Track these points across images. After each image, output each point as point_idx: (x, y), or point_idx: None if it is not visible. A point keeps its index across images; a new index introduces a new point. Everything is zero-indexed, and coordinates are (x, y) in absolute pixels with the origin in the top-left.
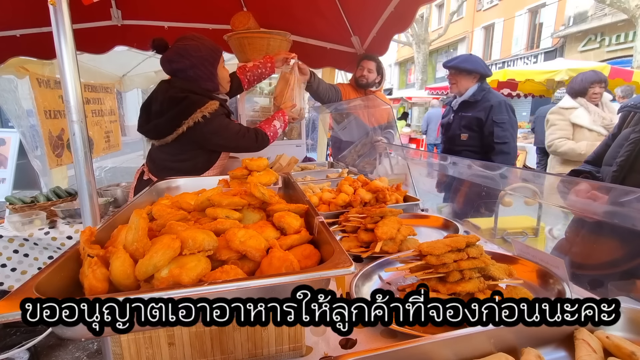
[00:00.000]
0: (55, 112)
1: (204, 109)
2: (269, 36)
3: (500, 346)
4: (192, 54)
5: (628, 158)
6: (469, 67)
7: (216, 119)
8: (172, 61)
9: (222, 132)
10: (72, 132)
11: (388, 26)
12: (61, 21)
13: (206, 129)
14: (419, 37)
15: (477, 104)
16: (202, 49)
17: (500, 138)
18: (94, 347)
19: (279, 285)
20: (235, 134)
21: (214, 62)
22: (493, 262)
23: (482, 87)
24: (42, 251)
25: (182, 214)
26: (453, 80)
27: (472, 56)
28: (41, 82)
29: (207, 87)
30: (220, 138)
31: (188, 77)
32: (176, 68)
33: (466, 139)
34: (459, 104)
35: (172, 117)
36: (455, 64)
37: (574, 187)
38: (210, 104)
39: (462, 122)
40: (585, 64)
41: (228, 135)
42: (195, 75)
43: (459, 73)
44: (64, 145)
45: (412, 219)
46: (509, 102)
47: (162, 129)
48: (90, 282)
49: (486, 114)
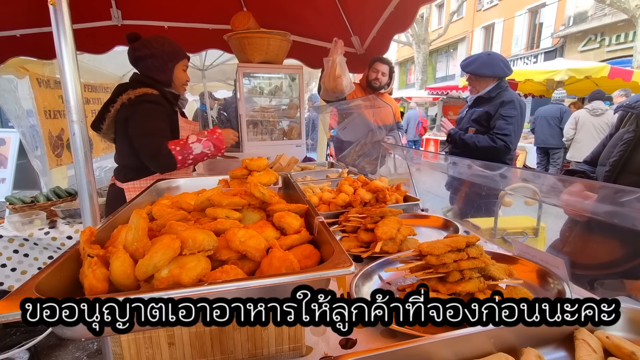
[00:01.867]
0: (55, 112)
1: (131, 92)
2: (269, 36)
3: (500, 346)
4: (154, 45)
5: (620, 158)
6: (488, 73)
7: (141, 105)
8: (136, 49)
9: (137, 122)
10: (72, 132)
11: (388, 26)
12: (61, 21)
13: (129, 112)
14: (419, 37)
15: (490, 100)
16: (165, 44)
17: (501, 130)
18: (94, 347)
19: (279, 285)
20: (144, 132)
21: (173, 59)
22: (493, 262)
23: (499, 85)
24: (42, 251)
25: (182, 214)
26: (472, 84)
27: (491, 57)
28: (41, 82)
29: (160, 78)
30: (132, 127)
31: (146, 67)
32: (137, 55)
33: (474, 132)
34: (474, 100)
35: (106, 102)
36: (473, 69)
37: (567, 186)
38: (142, 90)
39: (472, 116)
40: (585, 64)
41: (138, 130)
42: (152, 65)
43: (477, 77)
44: (63, 145)
45: (412, 219)
46: (523, 103)
47: (98, 116)
48: (90, 282)
49: (496, 109)
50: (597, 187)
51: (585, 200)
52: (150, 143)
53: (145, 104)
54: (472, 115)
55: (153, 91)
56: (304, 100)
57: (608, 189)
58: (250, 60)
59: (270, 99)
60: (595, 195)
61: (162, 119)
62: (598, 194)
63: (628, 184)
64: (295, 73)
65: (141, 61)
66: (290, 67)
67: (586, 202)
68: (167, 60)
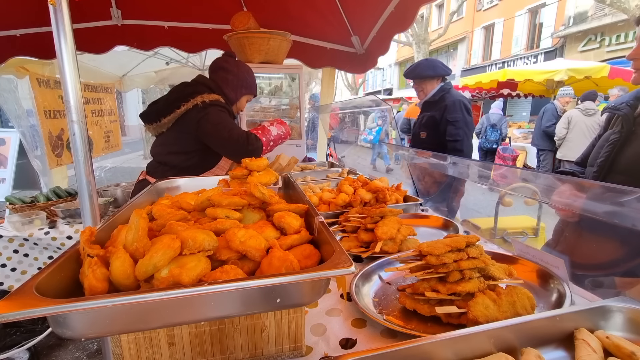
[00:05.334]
0: (55, 112)
1: (206, 97)
2: (269, 36)
3: (500, 346)
4: (242, 69)
5: (607, 159)
6: (432, 73)
7: (214, 108)
8: (226, 61)
9: (215, 121)
10: (72, 132)
11: (388, 26)
12: (61, 21)
13: (201, 115)
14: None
15: (436, 103)
16: (250, 75)
17: (452, 136)
18: (94, 347)
19: (279, 285)
20: (227, 127)
21: (248, 88)
22: (493, 262)
23: (442, 88)
24: (42, 251)
25: (182, 214)
26: (419, 89)
27: (430, 61)
28: (41, 82)
29: (229, 95)
30: (211, 126)
31: (224, 79)
32: (224, 67)
33: (425, 137)
34: (423, 104)
35: (173, 99)
36: (417, 74)
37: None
38: (214, 96)
39: (422, 121)
40: (585, 64)
41: (220, 126)
42: (231, 82)
43: (422, 81)
44: (63, 145)
45: (412, 219)
46: (467, 102)
47: (161, 109)
48: (90, 282)
49: (441, 113)
50: (587, 187)
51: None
52: (237, 133)
53: (219, 108)
54: (422, 119)
55: (220, 98)
56: (304, 100)
57: (598, 189)
58: (250, 60)
59: (270, 99)
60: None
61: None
62: (588, 193)
63: (616, 183)
64: (295, 73)
65: (223, 72)
66: (290, 67)
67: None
68: (243, 86)
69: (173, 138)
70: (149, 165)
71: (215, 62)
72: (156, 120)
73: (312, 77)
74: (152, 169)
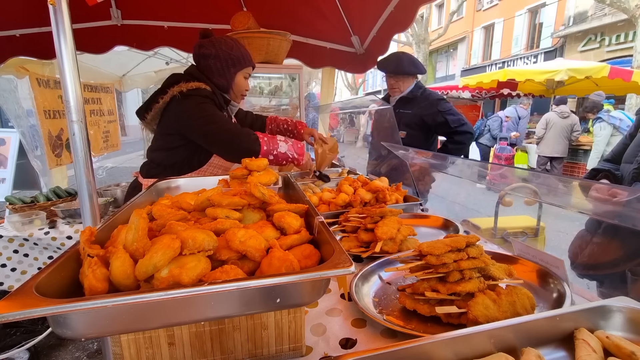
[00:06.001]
0: (55, 112)
1: (183, 86)
2: (269, 36)
3: (500, 346)
4: (221, 46)
5: None
6: (414, 70)
7: (194, 97)
8: (202, 45)
9: (197, 113)
10: (72, 132)
11: (388, 26)
12: (61, 21)
13: (180, 106)
14: (419, 37)
15: (416, 100)
16: (234, 48)
17: (457, 122)
18: (94, 347)
19: (279, 285)
20: (209, 120)
21: (237, 64)
22: (493, 262)
23: (418, 85)
24: (42, 251)
25: (182, 214)
26: (396, 85)
27: (409, 56)
28: (41, 82)
29: (218, 82)
30: (192, 118)
31: (207, 67)
32: (202, 53)
33: (404, 136)
34: (397, 101)
35: (155, 92)
36: (399, 69)
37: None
38: (195, 84)
39: (402, 120)
40: (585, 64)
41: (203, 119)
42: (214, 66)
43: (402, 76)
44: (63, 145)
45: (412, 219)
46: None
47: (145, 105)
48: (90, 282)
49: (429, 110)
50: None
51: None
52: (223, 127)
53: (200, 98)
54: (401, 118)
55: (206, 86)
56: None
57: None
58: None
59: (270, 99)
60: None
61: (217, 111)
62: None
63: None
64: (295, 73)
65: (204, 59)
66: (290, 67)
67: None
68: (230, 65)
69: (158, 134)
70: (142, 164)
71: (194, 49)
72: (144, 117)
73: (312, 77)
74: (142, 167)
